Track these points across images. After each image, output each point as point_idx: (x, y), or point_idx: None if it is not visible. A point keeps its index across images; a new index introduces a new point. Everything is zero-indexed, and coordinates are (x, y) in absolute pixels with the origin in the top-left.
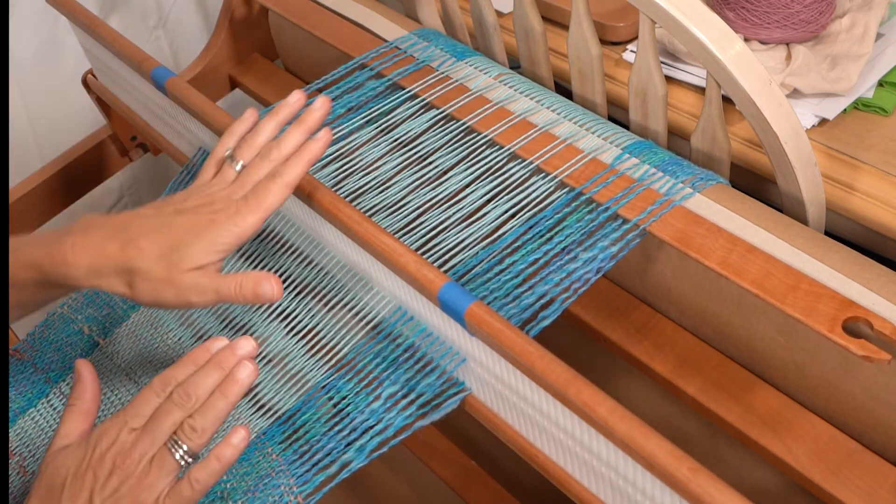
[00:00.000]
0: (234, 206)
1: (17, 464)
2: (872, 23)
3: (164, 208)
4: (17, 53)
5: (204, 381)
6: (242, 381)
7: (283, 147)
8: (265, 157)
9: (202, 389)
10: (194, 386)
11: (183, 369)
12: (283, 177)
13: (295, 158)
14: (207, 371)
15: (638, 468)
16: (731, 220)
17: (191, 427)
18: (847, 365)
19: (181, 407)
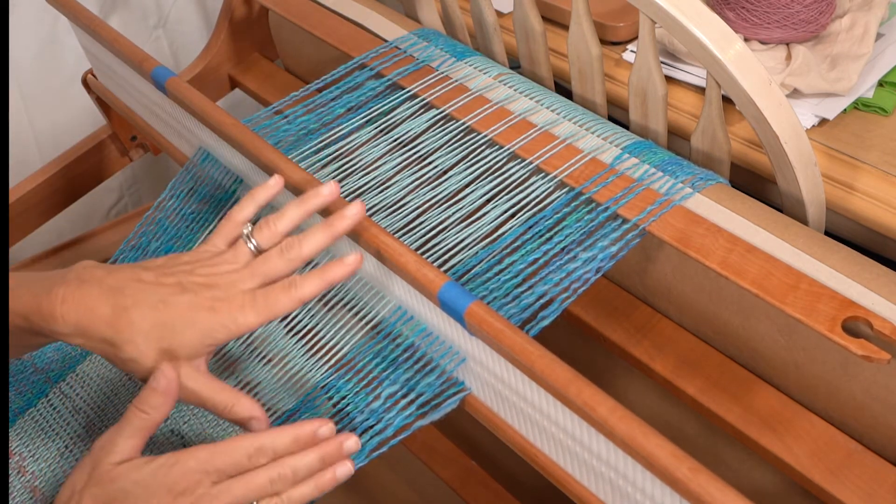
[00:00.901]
0: (238, 299)
1: (17, 464)
2: (872, 23)
3: (165, 276)
4: (17, 53)
5: (303, 467)
6: (339, 480)
7: (304, 248)
8: (284, 254)
9: (300, 475)
10: (294, 470)
11: (282, 442)
12: (298, 290)
13: (316, 275)
14: (310, 456)
15: (638, 468)
16: (731, 220)
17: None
18: (847, 365)
19: (275, 486)
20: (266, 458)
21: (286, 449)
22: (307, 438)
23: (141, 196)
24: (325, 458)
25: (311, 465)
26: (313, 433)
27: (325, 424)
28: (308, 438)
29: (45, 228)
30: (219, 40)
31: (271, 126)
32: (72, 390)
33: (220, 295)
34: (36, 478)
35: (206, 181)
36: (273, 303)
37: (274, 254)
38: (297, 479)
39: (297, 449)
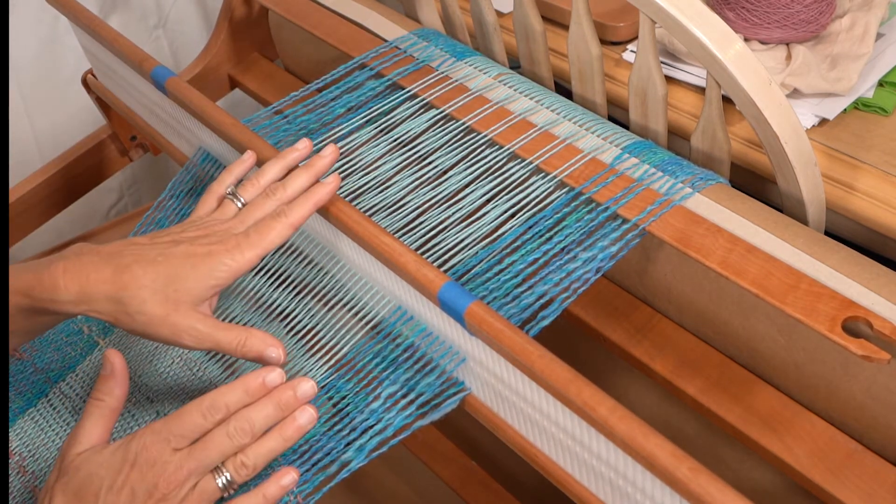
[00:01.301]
0: (233, 239)
1: (17, 464)
2: (872, 23)
3: (159, 237)
4: (17, 53)
5: (261, 417)
6: (303, 428)
7: (288, 188)
8: (269, 196)
9: (259, 426)
10: (251, 422)
11: (233, 395)
12: (287, 216)
13: (302, 199)
14: (264, 406)
15: (638, 468)
16: (731, 220)
17: (242, 463)
18: (847, 365)
19: (234, 440)
20: (220, 414)
21: (239, 402)
22: (258, 388)
23: (141, 196)
24: (282, 406)
25: (269, 414)
26: (262, 382)
27: (273, 371)
28: (259, 388)
29: (45, 228)
30: (219, 40)
31: (271, 126)
32: (72, 390)
33: (215, 240)
34: (36, 478)
35: (205, 181)
36: (266, 232)
37: (259, 199)
38: (255, 432)
39: (250, 401)
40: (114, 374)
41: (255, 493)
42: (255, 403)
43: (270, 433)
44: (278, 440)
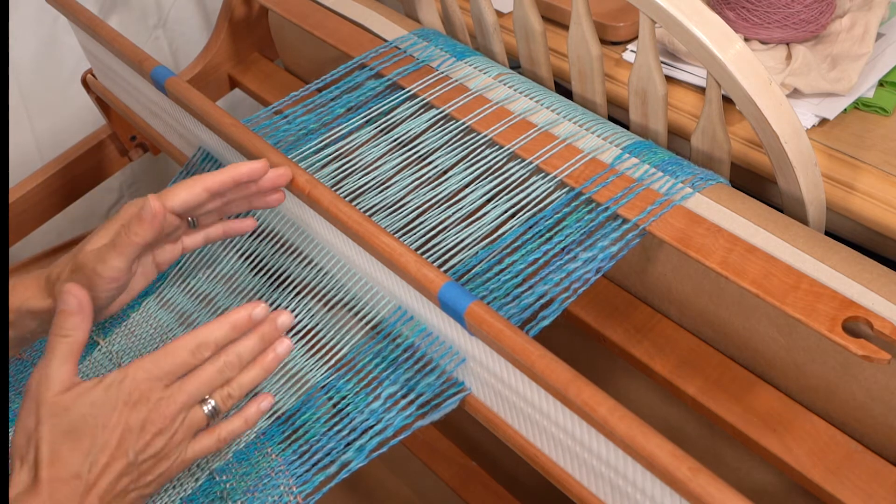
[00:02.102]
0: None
1: None
2: (873, 23)
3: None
4: (17, 53)
5: (247, 351)
6: (281, 357)
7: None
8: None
9: (245, 359)
10: (240, 356)
11: (221, 331)
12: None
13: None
14: (249, 339)
15: (638, 468)
16: (731, 220)
17: (229, 394)
18: (847, 365)
19: (224, 374)
20: (209, 351)
21: (226, 338)
22: (244, 323)
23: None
24: (265, 338)
25: (254, 347)
26: (248, 317)
27: (258, 306)
28: (245, 323)
29: (45, 228)
30: (218, 40)
31: (271, 126)
32: None
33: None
34: None
35: None
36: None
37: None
38: (242, 364)
39: (236, 336)
40: (81, 308)
41: (237, 417)
42: (243, 338)
43: (252, 363)
44: (259, 370)
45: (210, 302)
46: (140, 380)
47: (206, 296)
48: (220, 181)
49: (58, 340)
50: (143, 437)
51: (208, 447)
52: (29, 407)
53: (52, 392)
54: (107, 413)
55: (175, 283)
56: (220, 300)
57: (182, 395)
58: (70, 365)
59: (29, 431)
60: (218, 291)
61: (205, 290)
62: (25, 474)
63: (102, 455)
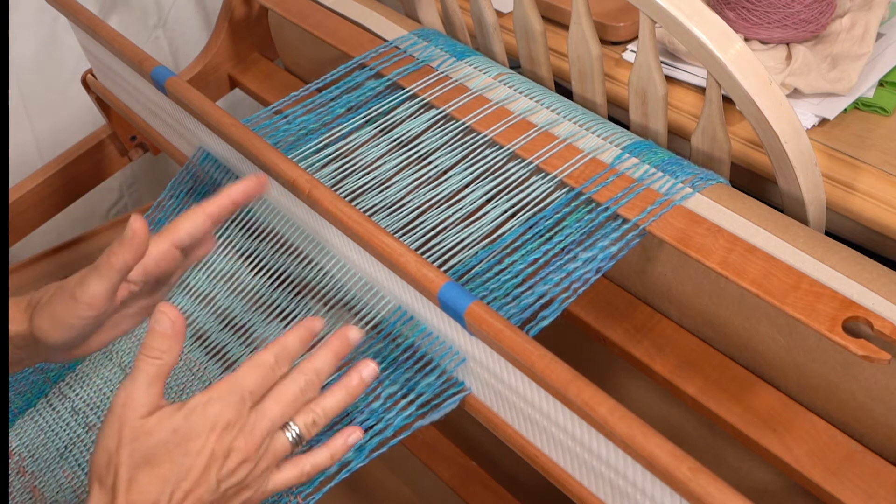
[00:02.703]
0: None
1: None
2: (873, 23)
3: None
4: (17, 53)
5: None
6: (366, 381)
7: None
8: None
9: (324, 376)
10: (318, 373)
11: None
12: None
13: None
14: (323, 355)
15: (638, 468)
16: (732, 220)
17: (313, 420)
18: (847, 365)
19: (306, 394)
20: (286, 365)
21: (298, 351)
22: (308, 336)
23: (141, 196)
24: (338, 354)
25: (329, 363)
26: (311, 330)
27: (317, 321)
28: (308, 336)
29: (45, 228)
30: (218, 40)
31: (271, 126)
32: (71, 390)
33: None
34: (35, 478)
35: (205, 181)
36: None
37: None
38: (322, 382)
39: (304, 350)
40: (174, 331)
41: (324, 449)
42: (316, 353)
43: (334, 387)
44: (344, 394)
45: (210, 302)
46: (227, 402)
47: (206, 296)
48: (221, 205)
49: (147, 361)
50: (229, 464)
51: (291, 479)
52: (112, 427)
53: (137, 414)
54: (190, 439)
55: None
56: (220, 300)
57: (266, 421)
58: (157, 388)
59: (110, 453)
60: (218, 291)
61: (205, 290)
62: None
63: (185, 482)
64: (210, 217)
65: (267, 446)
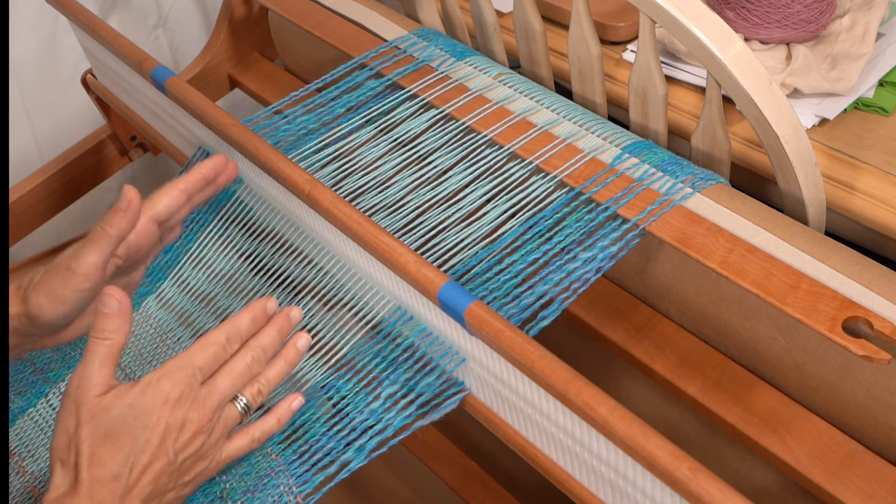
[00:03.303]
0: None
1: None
2: (873, 23)
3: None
4: (17, 53)
5: (270, 344)
6: (302, 351)
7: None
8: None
9: (269, 352)
10: (264, 349)
11: (244, 324)
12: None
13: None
14: (269, 332)
15: (638, 468)
16: (732, 220)
17: (259, 390)
18: (847, 365)
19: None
20: (237, 343)
21: (249, 330)
22: (261, 316)
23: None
24: (282, 331)
25: (275, 339)
26: (264, 309)
27: (270, 300)
28: (262, 317)
29: (44, 228)
30: (218, 40)
31: (271, 126)
32: None
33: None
34: (35, 478)
35: None
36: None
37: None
38: (267, 357)
39: (255, 329)
40: (121, 311)
41: (270, 416)
42: (262, 331)
43: (276, 359)
44: (283, 364)
45: (210, 302)
46: (178, 378)
47: (206, 296)
48: (192, 180)
49: (97, 343)
50: (183, 435)
51: (242, 448)
52: (69, 409)
53: (92, 394)
54: (147, 413)
55: (175, 283)
56: (220, 300)
57: (217, 393)
58: (109, 367)
59: (69, 433)
60: (218, 291)
61: (205, 290)
62: (66, 476)
63: (143, 455)
64: (183, 192)
65: (218, 417)
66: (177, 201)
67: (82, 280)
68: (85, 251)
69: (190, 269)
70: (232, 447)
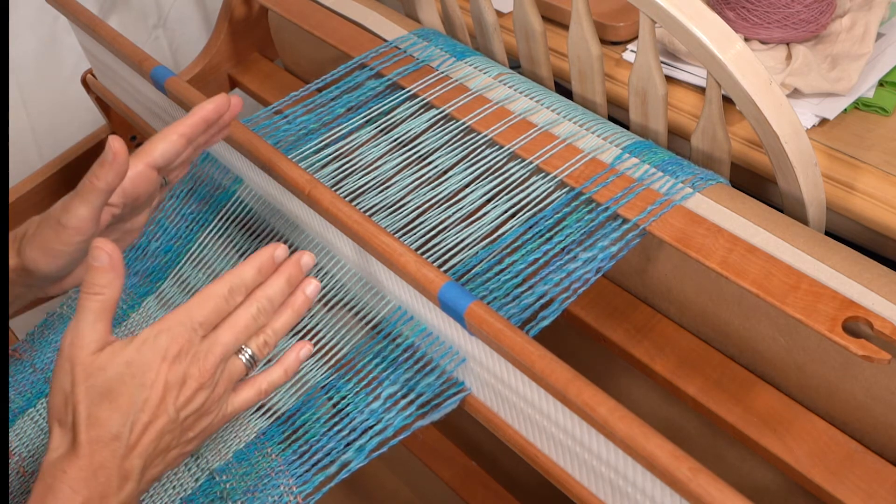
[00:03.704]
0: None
1: (17, 464)
2: (873, 23)
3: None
4: (17, 53)
5: (277, 294)
6: (310, 298)
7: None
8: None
9: (276, 303)
10: (271, 300)
11: (249, 275)
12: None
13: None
14: (277, 281)
15: (638, 468)
16: (732, 220)
17: (265, 342)
18: (847, 365)
19: (258, 320)
20: (241, 295)
21: (254, 281)
22: (269, 265)
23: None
24: (291, 280)
25: (283, 288)
26: (271, 258)
27: (278, 247)
28: (269, 265)
29: None
30: (218, 40)
31: (271, 126)
32: None
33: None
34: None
35: (205, 181)
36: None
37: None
38: (274, 307)
39: (262, 279)
40: (112, 264)
41: (277, 367)
42: (269, 281)
43: (283, 307)
44: (291, 313)
45: None
46: (176, 333)
47: None
48: (192, 123)
49: (89, 298)
50: (185, 392)
51: (249, 399)
52: (63, 367)
53: (87, 352)
54: (144, 371)
55: (175, 283)
56: None
57: (219, 347)
58: (103, 323)
59: (66, 393)
60: None
61: None
62: (65, 437)
63: (143, 414)
64: (182, 136)
65: (222, 371)
66: (175, 147)
67: (74, 233)
68: (74, 204)
69: (190, 269)
70: (238, 400)
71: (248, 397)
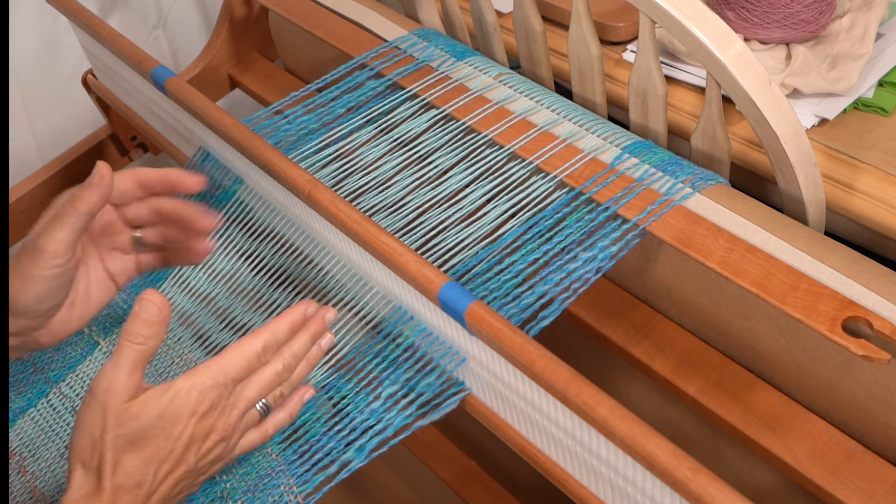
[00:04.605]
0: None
1: (17, 464)
2: (872, 23)
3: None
4: (17, 53)
5: (302, 352)
6: (324, 351)
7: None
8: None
9: (301, 357)
10: (296, 358)
11: (282, 332)
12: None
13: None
14: (303, 340)
15: (638, 468)
16: (731, 220)
17: (280, 393)
18: (847, 365)
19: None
20: (273, 353)
21: (286, 338)
22: (300, 323)
23: None
24: (314, 336)
25: (307, 346)
26: (304, 315)
27: (310, 305)
28: (300, 323)
29: None
30: (219, 40)
31: (271, 126)
32: (72, 391)
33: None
34: (36, 478)
35: None
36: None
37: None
38: (298, 363)
39: (292, 336)
40: (161, 318)
41: (282, 410)
42: (296, 338)
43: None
44: (306, 365)
45: (210, 302)
46: (208, 388)
47: (206, 296)
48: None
49: (131, 347)
50: (207, 444)
51: (255, 443)
52: (95, 412)
53: (121, 399)
54: (174, 423)
55: (175, 283)
56: (220, 300)
57: (244, 402)
58: (139, 373)
59: (94, 438)
60: (218, 291)
61: (205, 290)
62: (88, 479)
63: (166, 464)
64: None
65: (240, 422)
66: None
67: (51, 258)
68: (53, 228)
69: (190, 269)
70: (246, 443)
71: (255, 440)
